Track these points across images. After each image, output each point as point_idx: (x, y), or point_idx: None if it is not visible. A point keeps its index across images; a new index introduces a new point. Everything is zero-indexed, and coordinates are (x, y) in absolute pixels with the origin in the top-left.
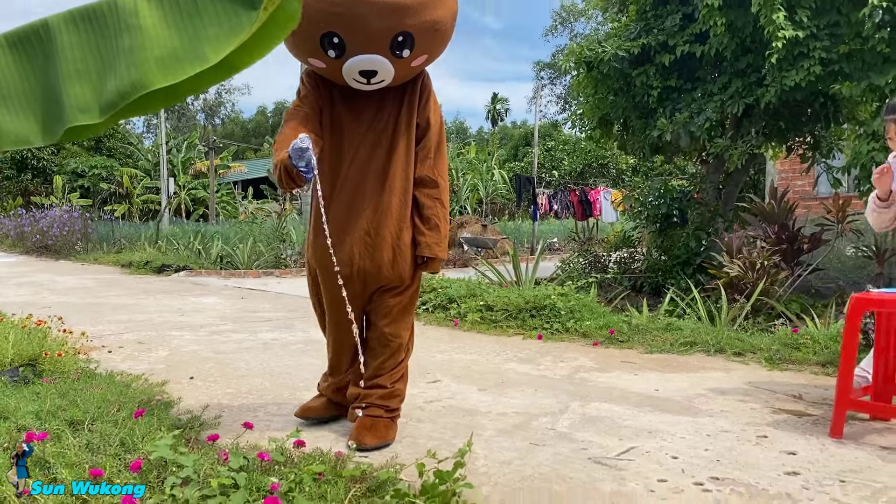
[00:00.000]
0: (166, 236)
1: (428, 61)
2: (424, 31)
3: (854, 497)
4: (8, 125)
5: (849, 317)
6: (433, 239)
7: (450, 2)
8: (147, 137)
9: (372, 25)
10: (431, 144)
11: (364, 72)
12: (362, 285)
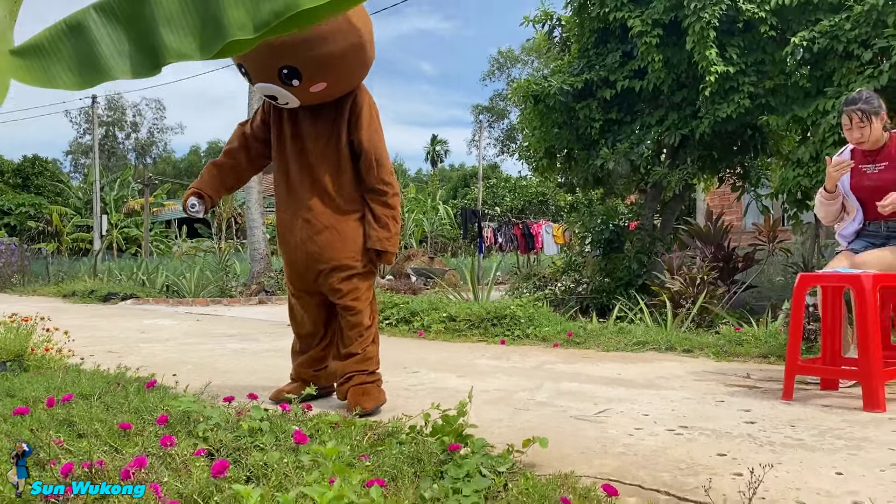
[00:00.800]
0: (106, 269)
1: (333, 88)
2: (309, 65)
3: (804, 434)
4: (171, 43)
5: (796, 291)
6: (384, 234)
7: (342, 38)
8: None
9: (260, 61)
10: (371, 158)
11: (268, 96)
12: (307, 267)
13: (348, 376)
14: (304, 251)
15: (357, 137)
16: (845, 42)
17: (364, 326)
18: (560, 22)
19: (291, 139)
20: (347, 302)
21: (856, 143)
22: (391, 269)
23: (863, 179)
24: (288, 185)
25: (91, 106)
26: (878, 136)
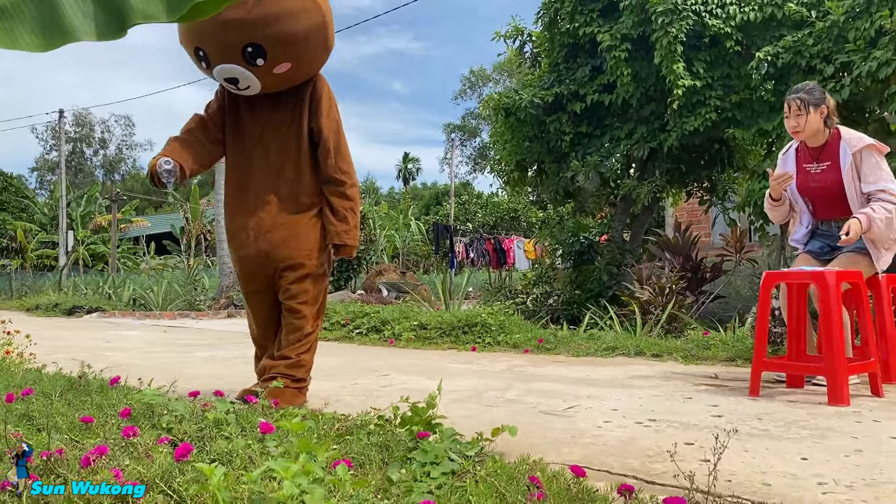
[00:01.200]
0: (71, 284)
1: (297, 69)
2: (274, 43)
3: (770, 426)
4: (138, 4)
5: (762, 289)
6: (342, 228)
7: (307, 16)
8: (40, 194)
9: (222, 39)
10: (329, 146)
11: (228, 79)
12: (258, 266)
13: (272, 376)
14: (256, 249)
15: (317, 124)
16: (808, 57)
17: (304, 333)
18: (531, 37)
19: (249, 128)
20: (294, 304)
21: (792, 132)
22: (363, 284)
23: (808, 180)
24: (243, 178)
25: (58, 121)
26: (816, 129)
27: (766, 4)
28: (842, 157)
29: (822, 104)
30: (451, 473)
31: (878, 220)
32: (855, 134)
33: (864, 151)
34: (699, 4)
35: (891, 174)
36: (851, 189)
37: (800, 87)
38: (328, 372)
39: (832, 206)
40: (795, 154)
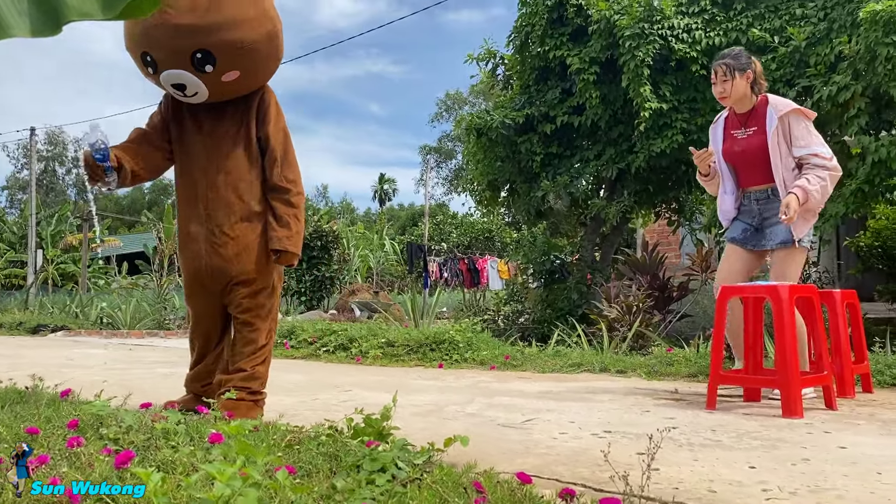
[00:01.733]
0: (38, 303)
1: (245, 78)
2: (224, 50)
3: (723, 437)
4: (73, 1)
5: (718, 302)
6: (284, 234)
7: (258, 25)
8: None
9: (172, 44)
10: (276, 154)
11: (175, 85)
12: (212, 279)
13: (227, 389)
14: (208, 262)
15: (264, 133)
16: (771, 81)
17: (258, 345)
18: (503, 60)
19: (195, 138)
20: (248, 318)
21: (719, 98)
22: (335, 304)
23: (733, 145)
24: (191, 190)
25: (29, 139)
26: (743, 94)
27: (730, 30)
28: (768, 122)
29: (747, 69)
30: (397, 481)
31: (814, 191)
32: (781, 100)
33: (792, 116)
34: (665, 29)
35: (820, 138)
36: (776, 153)
37: (725, 52)
38: (289, 388)
39: (755, 171)
40: (724, 122)
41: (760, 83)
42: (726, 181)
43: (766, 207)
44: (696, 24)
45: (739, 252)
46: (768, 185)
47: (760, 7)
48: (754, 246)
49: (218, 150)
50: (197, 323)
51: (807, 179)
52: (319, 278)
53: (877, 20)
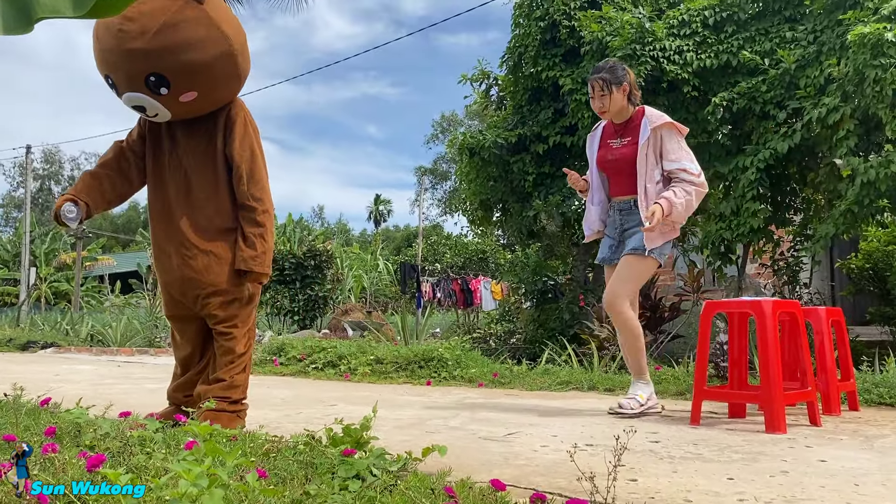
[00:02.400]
0: (29, 320)
1: (204, 98)
2: (176, 72)
3: (704, 450)
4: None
5: (702, 318)
6: (250, 254)
7: (211, 45)
8: (5, 231)
9: (126, 68)
10: (242, 172)
11: (135, 107)
12: (184, 291)
13: (206, 399)
14: (180, 275)
15: (230, 150)
16: (762, 103)
17: (237, 354)
18: (496, 81)
19: (168, 155)
20: (223, 328)
21: (598, 112)
22: (328, 324)
23: (608, 153)
24: (163, 204)
25: (25, 157)
26: (620, 107)
27: (721, 52)
28: (641, 133)
29: (623, 81)
30: (371, 487)
31: (679, 204)
32: (657, 112)
33: (665, 129)
34: (657, 51)
35: (690, 154)
36: (643, 164)
37: (601, 66)
38: (275, 403)
39: (624, 181)
40: (602, 131)
41: (635, 93)
42: (595, 192)
43: (628, 219)
44: (687, 45)
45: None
46: (632, 196)
47: (751, 30)
48: (616, 259)
49: (188, 167)
50: (178, 335)
51: (673, 192)
52: (313, 298)
53: (865, 43)
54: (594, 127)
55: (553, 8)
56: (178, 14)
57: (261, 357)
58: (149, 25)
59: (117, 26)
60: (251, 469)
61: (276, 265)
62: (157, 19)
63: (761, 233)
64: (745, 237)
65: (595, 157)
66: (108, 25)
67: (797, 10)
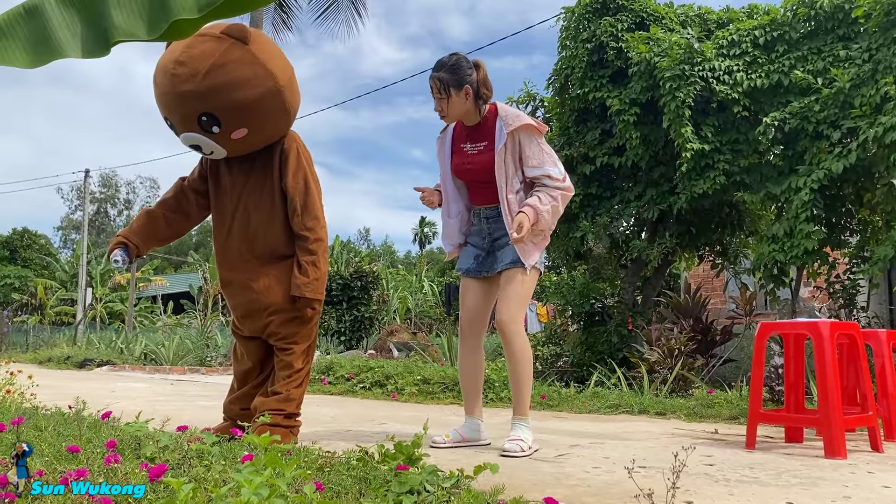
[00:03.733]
0: (85, 339)
1: (255, 134)
2: (225, 111)
3: (761, 474)
4: (121, 23)
5: (757, 339)
6: (302, 281)
7: (258, 83)
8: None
9: (180, 110)
10: (296, 203)
11: (192, 146)
12: (249, 311)
13: (262, 413)
14: (244, 297)
15: (284, 183)
16: (815, 123)
17: (295, 369)
18: (543, 103)
19: (229, 191)
20: (283, 344)
21: (439, 115)
22: (374, 344)
23: (463, 160)
24: (225, 236)
25: (83, 180)
26: (463, 111)
27: (772, 72)
28: (497, 137)
29: (465, 83)
30: (424, 502)
31: (545, 211)
32: (512, 111)
33: (523, 133)
34: (706, 71)
35: (553, 155)
36: (501, 173)
37: (443, 61)
38: (325, 420)
39: (486, 190)
40: (452, 133)
41: (485, 92)
42: (452, 203)
43: (496, 227)
44: (737, 66)
45: (476, 285)
46: (498, 204)
47: (803, 49)
48: (488, 272)
49: (248, 201)
50: (241, 351)
51: (538, 198)
52: (359, 318)
53: None
54: (443, 129)
55: (600, 30)
56: (224, 55)
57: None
58: (198, 68)
59: (171, 71)
60: (308, 481)
61: None
62: (205, 62)
63: (816, 255)
64: (798, 259)
65: (449, 164)
66: (163, 69)
67: (851, 28)
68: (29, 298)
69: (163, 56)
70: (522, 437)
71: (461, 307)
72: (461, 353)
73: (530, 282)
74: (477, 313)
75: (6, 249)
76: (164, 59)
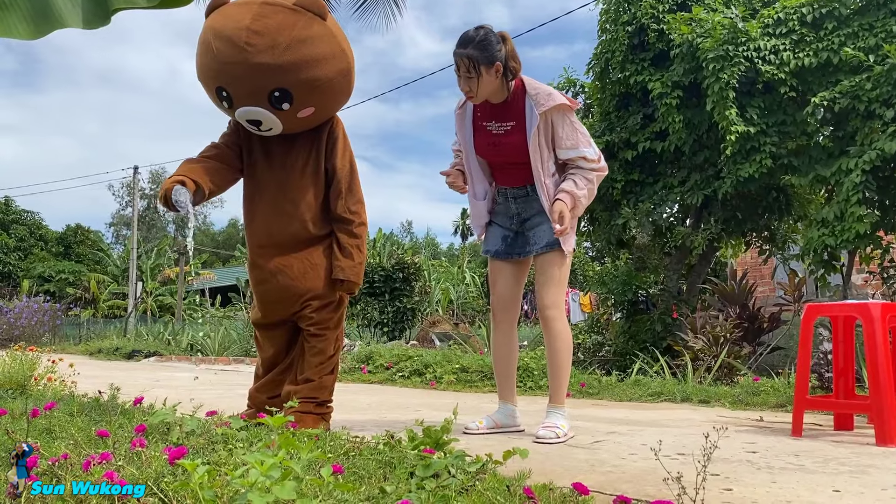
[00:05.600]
0: (134, 331)
1: (319, 113)
2: (301, 88)
3: (807, 461)
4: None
5: (803, 322)
6: (347, 264)
7: (334, 63)
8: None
9: (250, 83)
10: (342, 186)
11: (251, 121)
12: (280, 297)
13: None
14: (276, 282)
15: (331, 164)
16: (867, 102)
17: (327, 356)
18: (583, 88)
19: (265, 166)
20: (317, 330)
21: (466, 96)
22: (416, 335)
23: (487, 140)
24: (260, 214)
25: (132, 177)
26: (493, 90)
27: (821, 50)
28: (528, 118)
29: (496, 60)
30: (448, 487)
31: (582, 196)
32: (543, 89)
33: (556, 113)
34: (751, 51)
35: (586, 134)
36: (537, 158)
37: (469, 36)
38: (361, 408)
39: (514, 172)
40: (473, 110)
41: (514, 66)
42: (477, 184)
43: (526, 207)
44: (783, 45)
45: (506, 267)
46: (527, 184)
47: (853, 25)
48: (519, 254)
49: (287, 179)
50: (264, 340)
51: (573, 182)
52: (401, 309)
53: None
54: (460, 103)
55: (641, 12)
56: (305, 29)
57: (350, 365)
58: (278, 39)
59: (244, 39)
60: (327, 464)
61: (366, 278)
62: (285, 33)
63: (868, 238)
64: (850, 243)
65: (472, 144)
66: (230, 38)
67: None
68: (83, 293)
69: (219, 23)
70: (558, 423)
71: (492, 292)
72: (494, 338)
73: (568, 265)
74: (509, 297)
75: (61, 245)
76: (225, 26)
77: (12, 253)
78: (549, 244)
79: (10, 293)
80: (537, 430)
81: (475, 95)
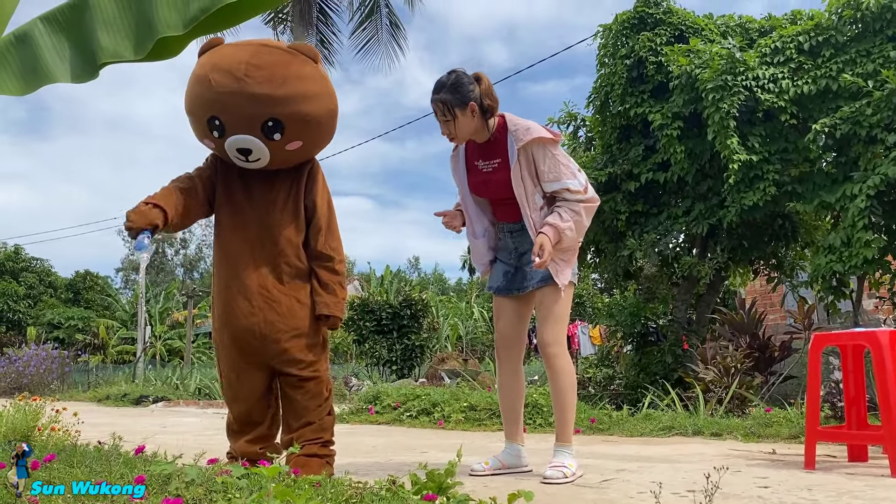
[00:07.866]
0: (143, 376)
1: (305, 149)
2: (293, 120)
3: (820, 496)
4: (108, 44)
5: (811, 352)
6: (331, 300)
7: (323, 102)
8: (124, 293)
9: (247, 111)
10: (322, 224)
11: (241, 149)
12: (264, 335)
13: (301, 444)
14: (261, 319)
15: (311, 200)
16: (868, 127)
17: (323, 397)
18: (584, 122)
19: (245, 202)
20: (309, 372)
21: (448, 138)
22: (425, 373)
23: (479, 179)
24: (238, 252)
25: None
26: (473, 129)
27: (820, 77)
28: (510, 154)
29: (468, 100)
30: None
31: (567, 228)
32: (521, 124)
33: (535, 147)
34: (750, 80)
35: (571, 165)
36: (521, 192)
37: (442, 81)
38: (366, 450)
39: (508, 208)
40: (465, 151)
41: (489, 104)
42: (475, 223)
43: (521, 241)
44: (782, 73)
45: (508, 304)
46: (521, 219)
47: (851, 52)
48: (519, 290)
49: (268, 215)
50: (240, 388)
51: (558, 215)
52: (410, 347)
53: None
54: (455, 146)
55: (639, 45)
56: (301, 67)
57: (357, 406)
58: (277, 73)
59: (244, 71)
60: None
61: (373, 315)
62: (283, 69)
63: (876, 263)
64: (858, 269)
65: (466, 184)
66: (230, 70)
67: None
68: (91, 339)
69: (217, 58)
70: (565, 463)
71: (495, 329)
72: (499, 375)
73: (566, 298)
74: (511, 334)
75: (70, 292)
76: (223, 60)
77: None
78: (544, 279)
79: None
80: (544, 471)
81: (456, 137)
